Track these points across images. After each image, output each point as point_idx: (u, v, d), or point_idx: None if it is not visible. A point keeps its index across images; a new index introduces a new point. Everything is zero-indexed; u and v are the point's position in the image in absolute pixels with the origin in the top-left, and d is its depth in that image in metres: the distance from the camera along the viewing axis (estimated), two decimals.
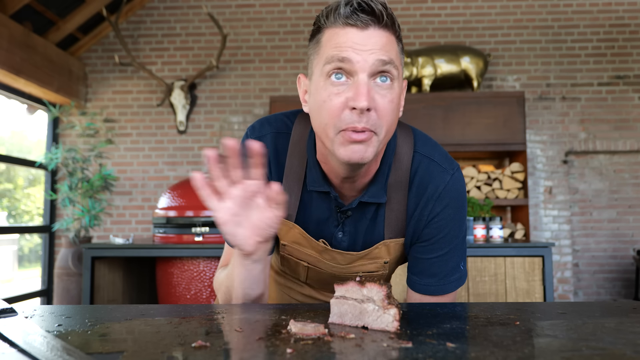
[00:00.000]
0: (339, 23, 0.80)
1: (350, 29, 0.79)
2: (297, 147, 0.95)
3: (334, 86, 0.80)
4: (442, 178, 0.93)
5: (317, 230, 0.97)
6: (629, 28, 4.32)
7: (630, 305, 0.77)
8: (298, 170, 0.95)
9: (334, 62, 0.79)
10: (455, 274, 0.96)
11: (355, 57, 0.78)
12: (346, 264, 0.99)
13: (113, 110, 4.47)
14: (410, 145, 0.95)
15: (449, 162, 0.95)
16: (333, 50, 0.79)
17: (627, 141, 4.21)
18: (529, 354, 0.50)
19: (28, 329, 0.60)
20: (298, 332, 0.58)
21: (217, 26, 4.06)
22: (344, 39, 0.79)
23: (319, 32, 0.84)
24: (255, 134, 0.96)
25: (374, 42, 0.79)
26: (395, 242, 0.96)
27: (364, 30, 0.79)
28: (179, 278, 2.72)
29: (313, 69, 0.85)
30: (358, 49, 0.78)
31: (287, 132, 0.96)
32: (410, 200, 0.94)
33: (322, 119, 0.82)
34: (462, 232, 0.96)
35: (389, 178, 0.93)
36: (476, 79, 3.96)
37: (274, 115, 0.99)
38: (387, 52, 0.79)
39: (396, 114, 0.84)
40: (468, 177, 3.92)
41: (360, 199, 0.91)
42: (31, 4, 3.62)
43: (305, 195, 0.95)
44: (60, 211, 4.38)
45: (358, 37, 0.79)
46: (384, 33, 0.80)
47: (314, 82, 0.84)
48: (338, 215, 0.95)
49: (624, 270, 4.21)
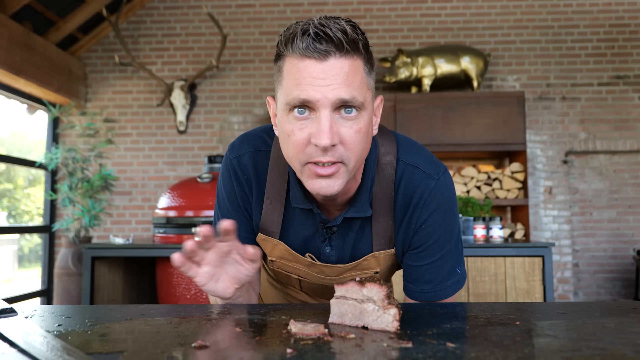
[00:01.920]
0: (296, 54, 0.76)
1: (308, 61, 0.75)
2: (277, 163, 0.94)
3: (297, 121, 0.78)
4: (427, 184, 0.91)
5: (304, 246, 0.96)
6: (629, 28, 4.32)
7: (630, 305, 0.77)
8: (279, 186, 0.94)
9: (295, 103, 0.77)
10: (451, 278, 0.94)
11: (314, 95, 0.75)
12: (335, 275, 0.98)
13: (113, 110, 4.47)
14: (394, 154, 0.93)
15: (433, 166, 0.93)
16: (293, 88, 0.77)
17: (627, 141, 4.21)
18: (529, 354, 0.50)
19: (28, 329, 0.60)
20: (298, 332, 0.58)
21: (217, 26, 4.06)
22: (304, 73, 0.76)
23: (279, 58, 0.81)
24: (234, 154, 0.95)
25: (334, 74, 0.75)
26: (384, 254, 0.95)
27: (323, 62, 0.75)
28: (179, 278, 2.72)
29: (277, 98, 0.83)
30: (317, 85, 0.75)
31: (266, 149, 0.95)
32: (397, 211, 0.92)
33: (288, 152, 0.82)
34: (454, 235, 0.94)
35: (373, 189, 0.92)
36: (476, 79, 3.96)
37: (254, 132, 0.98)
38: (349, 85, 0.75)
39: (366, 141, 0.81)
40: (468, 177, 3.92)
41: (345, 215, 0.90)
42: (31, 4, 3.62)
43: (289, 211, 0.95)
44: (60, 211, 4.37)
45: (317, 70, 0.75)
46: (345, 61, 0.76)
47: (279, 112, 0.82)
48: (324, 231, 0.94)
49: (624, 270, 4.21)
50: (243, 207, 0.96)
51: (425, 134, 3.84)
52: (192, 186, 2.77)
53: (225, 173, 0.97)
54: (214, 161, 3.03)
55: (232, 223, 0.75)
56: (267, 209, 0.94)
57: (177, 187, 2.81)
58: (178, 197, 2.72)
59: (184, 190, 2.75)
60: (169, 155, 4.42)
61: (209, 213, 2.62)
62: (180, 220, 2.63)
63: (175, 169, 4.41)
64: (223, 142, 4.40)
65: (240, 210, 0.96)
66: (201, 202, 2.65)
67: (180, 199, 2.70)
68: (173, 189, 2.80)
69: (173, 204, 2.70)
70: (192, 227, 2.62)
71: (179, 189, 2.78)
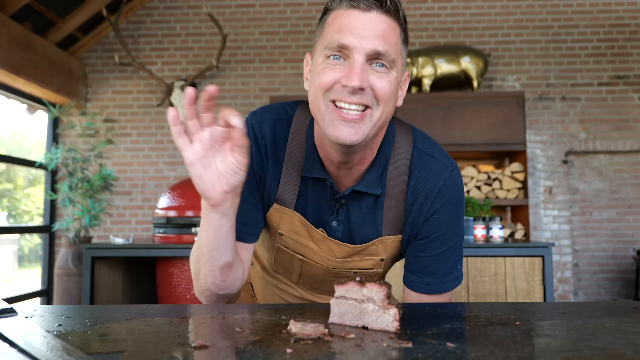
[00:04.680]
0: (343, 5, 0.81)
1: (353, 11, 0.80)
2: (297, 135, 0.95)
3: (331, 65, 0.82)
4: (442, 174, 0.92)
5: (315, 218, 0.97)
6: (629, 28, 4.32)
7: (630, 305, 0.77)
8: (298, 158, 0.95)
9: (333, 47, 0.81)
10: (452, 273, 0.95)
11: (352, 42, 0.79)
12: (342, 257, 0.98)
13: (113, 110, 4.47)
14: (410, 141, 0.95)
15: (447, 159, 0.95)
16: (334, 34, 0.81)
17: (627, 141, 4.21)
18: (529, 354, 0.50)
19: (28, 329, 0.60)
20: (298, 332, 0.58)
21: (217, 26, 4.06)
22: (346, 21, 0.80)
23: (325, 13, 0.86)
24: (256, 119, 0.96)
25: (373, 26, 0.80)
26: (392, 239, 0.96)
27: (366, 13, 0.80)
28: (179, 278, 2.72)
29: (315, 49, 0.87)
30: (357, 33, 0.79)
31: (287, 119, 0.96)
32: (409, 195, 0.93)
33: (315, 91, 0.84)
34: (460, 230, 0.96)
35: (388, 171, 0.93)
36: (476, 79, 3.96)
37: (277, 104, 1.00)
38: (385, 40, 0.80)
39: (394, 96, 0.85)
40: (468, 177, 3.92)
41: (354, 188, 0.91)
42: (31, 4, 3.62)
43: (303, 183, 0.95)
44: (60, 211, 4.37)
45: (359, 20, 0.80)
46: (386, 19, 0.81)
47: (314, 61, 0.86)
48: (332, 203, 0.95)
49: (624, 270, 4.21)
50: (256, 172, 0.96)
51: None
52: (192, 186, 2.77)
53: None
54: None
55: (216, 89, 0.74)
56: (285, 179, 0.95)
57: (177, 187, 2.81)
58: (178, 197, 2.72)
59: (184, 190, 2.75)
60: (169, 155, 4.42)
61: None
62: (180, 220, 2.63)
63: (175, 169, 4.41)
64: None
65: (253, 175, 0.95)
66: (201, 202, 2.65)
67: (180, 199, 2.70)
68: (173, 189, 2.80)
69: (173, 204, 2.70)
70: (192, 227, 2.62)
71: (179, 189, 2.78)
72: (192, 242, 2.60)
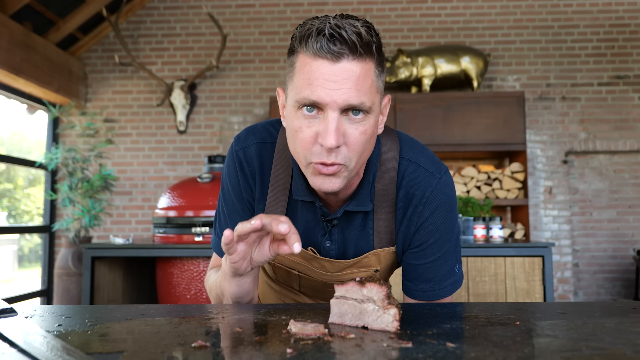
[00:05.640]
0: (310, 52, 0.77)
1: (321, 62, 0.76)
2: (282, 156, 0.95)
3: (306, 119, 0.79)
4: (429, 182, 0.92)
5: (305, 239, 0.97)
6: (629, 28, 4.32)
7: (630, 305, 0.77)
8: (284, 179, 0.94)
9: (305, 102, 0.78)
10: (450, 278, 0.95)
11: (324, 98, 0.76)
12: (335, 272, 0.98)
13: (113, 110, 4.47)
14: (396, 151, 0.94)
15: (435, 165, 0.94)
16: (304, 87, 0.78)
17: (627, 141, 4.21)
18: (529, 354, 0.50)
19: (28, 329, 0.60)
20: (298, 332, 0.58)
21: (217, 26, 4.06)
22: (315, 73, 0.76)
23: (293, 53, 0.82)
24: (240, 145, 0.96)
25: (345, 77, 0.76)
26: (385, 251, 0.95)
27: (335, 64, 0.75)
28: (179, 278, 2.72)
29: (288, 93, 0.84)
30: (328, 87, 0.76)
31: (272, 141, 0.96)
32: (399, 207, 0.93)
33: (295, 148, 0.83)
34: (454, 235, 0.95)
35: (375, 185, 0.93)
36: (476, 79, 3.96)
37: (260, 125, 0.99)
38: (358, 89, 0.76)
39: (370, 143, 0.83)
40: (468, 177, 3.92)
41: (345, 208, 0.91)
42: (31, 4, 3.62)
43: (291, 204, 0.96)
44: (60, 211, 4.37)
45: (328, 72, 0.76)
46: (357, 64, 0.76)
47: (288, 106, 0.84)
48: (324, 224, 0.95)
49: (624, 270, 4.21)
50: (246, 199, 0.97)
51: (425, 134, 3.83)
52: (192, 186, 2.77)
53: (230, 164, 0.97)
54: (214, 161, 3.03)
55: (231, 233, 0.75)
56: (271, 201, 0.95)
57: (177, 187, 2.81)
58: (178, 197, 2.72)
59: (184, 190, 2.75)
60: (169, 155, 4.42)
61: (209, 213, 2.62)
62: (180, 220, 2.63)
63: (175, 169, 4.41)
64: (223, 142, 4.40)
65: (244, 202, 0.97)
66: (201, 202, 2.65)
67: (180, 199, 2.70)
68: (173, 189, 2.80)
69: (173, 204, 2.70)
70: (192, 227, 2.62)
71: (179, 189, 2.78)
72: (192, 242, 2.60)
